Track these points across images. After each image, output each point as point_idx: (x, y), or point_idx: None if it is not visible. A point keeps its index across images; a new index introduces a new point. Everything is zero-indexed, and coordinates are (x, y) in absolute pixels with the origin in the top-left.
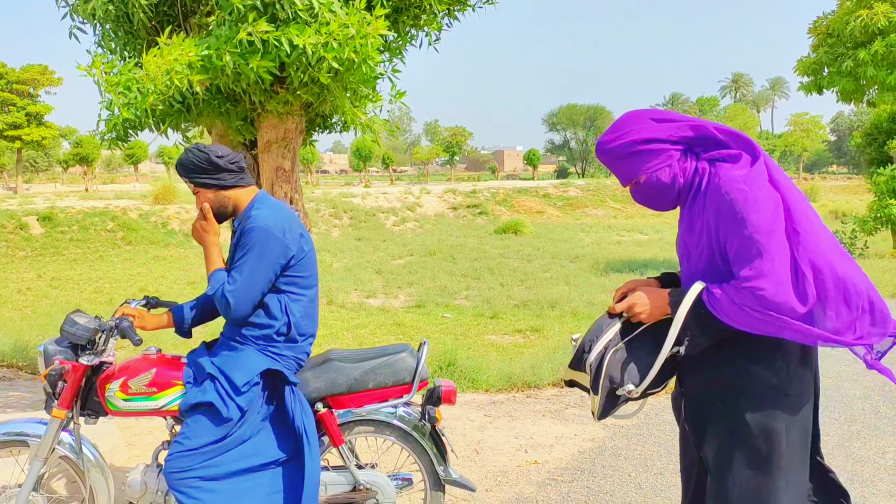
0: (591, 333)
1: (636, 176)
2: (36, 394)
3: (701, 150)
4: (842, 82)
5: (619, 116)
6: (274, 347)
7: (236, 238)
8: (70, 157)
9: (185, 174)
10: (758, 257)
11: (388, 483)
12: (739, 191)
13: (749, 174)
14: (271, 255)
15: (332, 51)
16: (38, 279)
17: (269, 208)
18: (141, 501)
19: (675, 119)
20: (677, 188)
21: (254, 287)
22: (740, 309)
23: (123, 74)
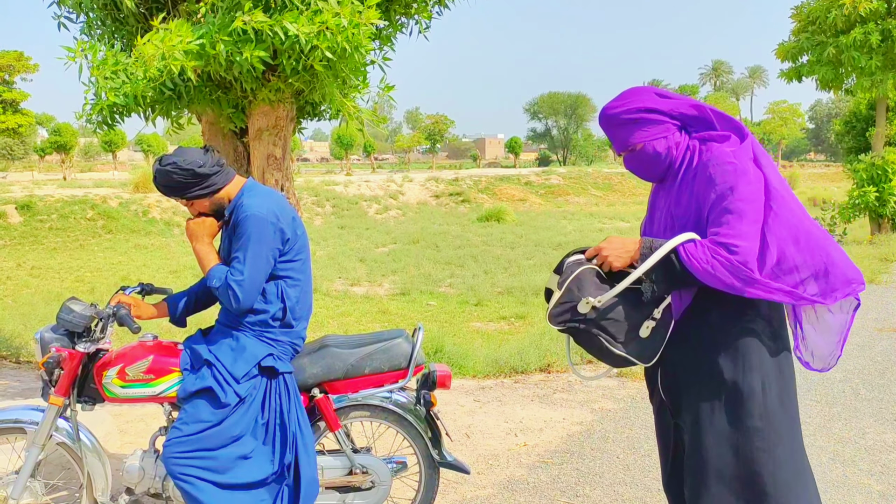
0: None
1: (633, 143)
2: (23, 382)
3: (693, 130)
4: (822, 70)
5: (626, 90)
6: (270, 333)
7: (230, 229)
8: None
9: (176, 194)
10: (738, 220)
11: (384, 467)
12: (730, 163)
13: (738, 150)
14: (269, 242)
15: (326, 40)
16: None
17: (260, 195)
18: (138, 487)
19: (676, 97)
20: (669, 160)
21: (258, 275)
22: (712, 262)
23: (110, 59)
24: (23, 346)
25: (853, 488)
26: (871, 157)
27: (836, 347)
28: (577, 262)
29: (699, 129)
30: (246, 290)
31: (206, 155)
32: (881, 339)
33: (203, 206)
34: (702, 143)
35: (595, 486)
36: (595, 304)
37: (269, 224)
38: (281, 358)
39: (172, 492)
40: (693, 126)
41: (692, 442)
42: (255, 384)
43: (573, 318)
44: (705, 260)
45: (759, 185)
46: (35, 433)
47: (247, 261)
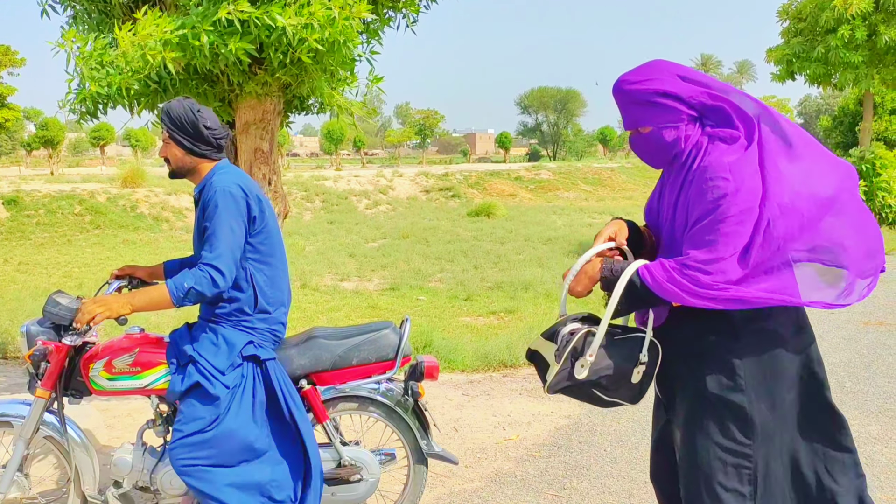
0: (574, 316)
1: (643, 124)
2: (10, 377)
3: (709, 123)
4: (812, 67)
5: (649, 61)
6: (246, 321)
7: (199, 208)
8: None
9: (168, 123)
10: (714, 245)
11: (373, 460)
12: (723, 179)
13: (737, 162)
14: (236, 212)
15: (314, 32)
16: (5, 264)
17: (228, 173)
18: (126, 480)
19: (699, 82)
20: (675, 150)
21: (234, 246)
22: (679, 283)
23: (96, 50)
24: (9, 342)
25: None
26: (860, 151)
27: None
28: (571, 333)
29: (715, 123)
30: (225, 262)
31: (222, 126)
32: (867, 332)
33: (174, 155)
34: (710, 142)
35: (582, 479)
36: (589, 359)
37: (235, 197)
38: (262, 345)
39: (160, 485)
40: (710, 118)
41: (684, 446)
42: (242, 372)
43: (571, 384)
44: (668, 279)
45: (752, 204)
46: (22, 427)
47: (219, 235)
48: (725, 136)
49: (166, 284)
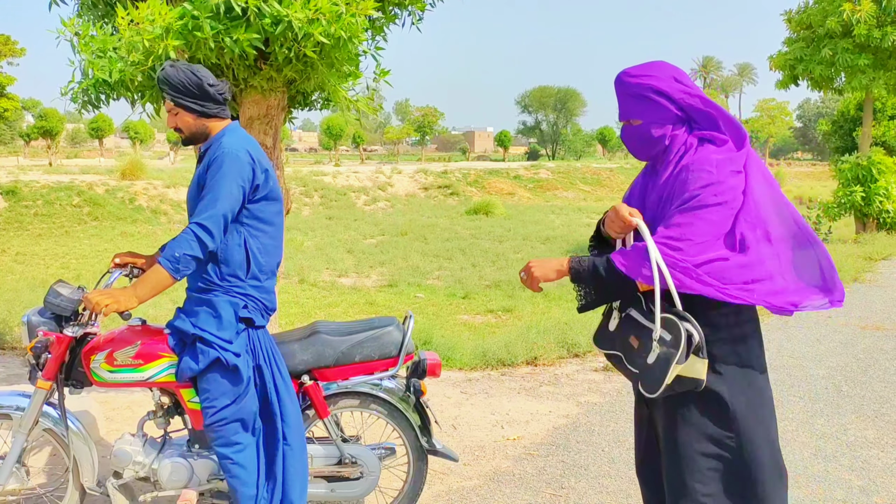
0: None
1: (634, 117)
2: (9, 368)
3: (697, 126)
4: (817, 69)
5: (654, 60)
6: (239, 288)
7: (203, 166)
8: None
9: (171, 91)
10: (688, 227)
11: (374, 457)
12: (707, 172)
13: (723, 160)
14: (239, 176)
15: (319, 26)
16: (2, 254)
17: (240, 137)
18: (126, 471)
19: (691, 88)
20: (662, 147)
21: (228, 209)
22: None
23: (99, 37)
24: (7, 332)
25: (834, 483)
26: (857, 156)
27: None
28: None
29: (703, 127)
30: (214, 221)
31: (220, 81)
32: (864, 336)
33: (185, 122)
34: (699, 143)
35: (580, 478)
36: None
37: (241, 160)
38: (252, 309)
39: (160, 476)
40: (698, 122)
41: (666, 434)
42: (247, 336)
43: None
44: (636, 260)
45: (730, 199)
46: (22, 418)
47: (217, 195)
48: (714, 139)
49: (159, 262)
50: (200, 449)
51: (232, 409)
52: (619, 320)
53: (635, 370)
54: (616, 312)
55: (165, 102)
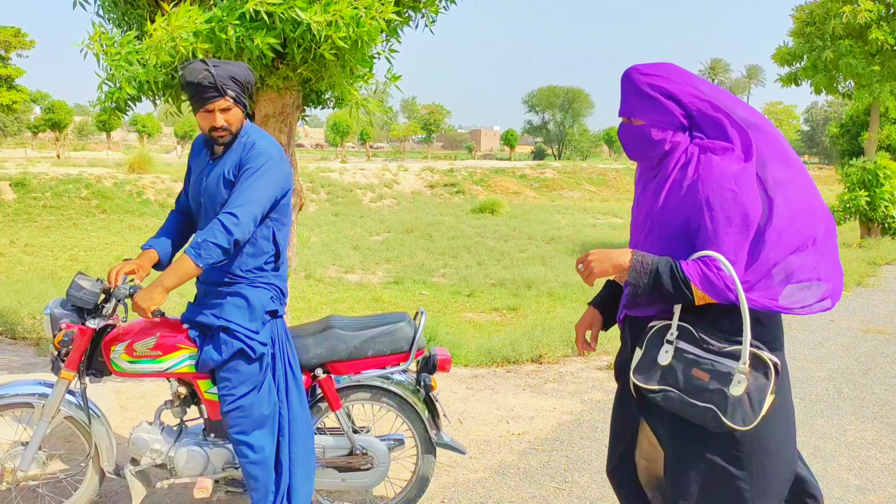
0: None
1: (636, 116)
2: (22, 357)
3: (699, 135)
4: (816, 76)
5: (667, 62)
6: (264, 278)
7: (233, 164)
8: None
9: (237, 89)
10: (730, 252)
11: (384, 449)
12: (730, 190)
13: (740, 172)
14: (278, 180)
15: (338, 30)
16: (11, 245)
17: (270, 140)
18: (144, 458)
19: (702, 92)
20: (660, 151)
21: (258, 206)
22: (706, 273)
23: (123, 47)
24: (18, 323)
25: (832, 482)
26: (863, 161)
27: None
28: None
29: (708, 135)
30: (245, 213)
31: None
32: (866, 340)
33: (238, 118)
34: (701, 152)
35: (583, 473)
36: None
37: (284, 168)
38: (276, 300)
39: (176, 463)
40: (704, 129)
41: (670, 448)
42: (272, 326)
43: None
44: (699, 272)
45: (754, 215)
46: (45, 406)
47: (253, 192)
48: (716, 148)
49: (185, 252)
50: (216, 438)
51: (250, 397)
52: (672, 353)
53: (706, 404)
54: (669, 345)
55: (216, 101)
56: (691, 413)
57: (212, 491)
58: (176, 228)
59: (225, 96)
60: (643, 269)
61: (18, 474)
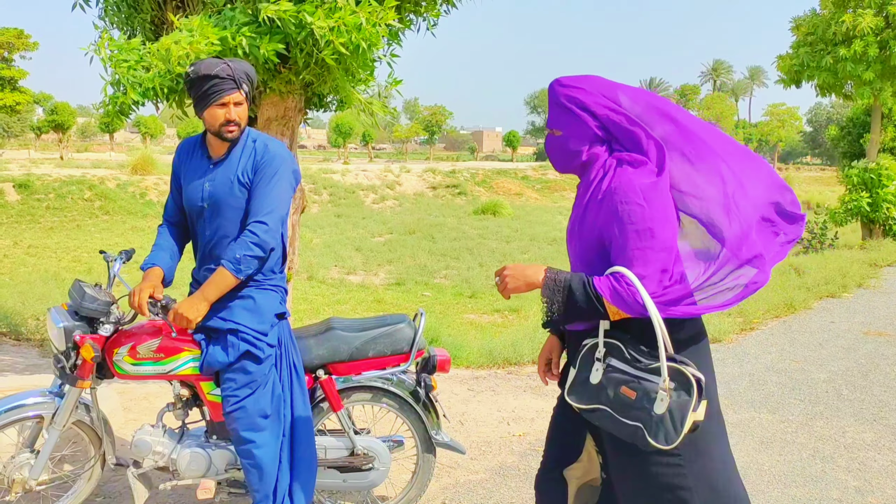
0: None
1: (556, 127)
2: (26, 358)
3: (618, 147)
4: (821, 76)
5: (592, 75)
6: (271, 280)
7: (246, 165)
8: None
9: (250, 85)
10: (643, 259)
11: (385, 449)
12: (637, 204)
13: (650, 186)
14: (291, 184)
15: (341, 35)
16: (15, 246)
17: (277, 141)
18: (146, 460)
19: (618, 106)
20: (578, 163)
21: (283, 210)
22: (618, 288)
23: (129, 53)
24: (22, 324)
25: (830, 483)
26: (865, 162)
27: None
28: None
29: (626, 147)
30: (274, 219)
31: None
32: (866, 342)
33: (244, 115)
34: (618, 165)
35: None
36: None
37: (295, 171)
38: (283, 302)
39: (178, 466)
40: (620, 142)
41: (615, 467)
42: (279, 328)
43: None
44: (610, 287)
45: (671, 231)
46: (56, 416)
47: (276, 198)
48: (633, 161)
49: (222, 265)
50: (218, 439)
51: (253, 398)
52: (602, 371)
53: (634, 423)
54: (599, 363)
55: (232, 94)
56: (623, 432)
57: (214, 492)
58: (173, 243)
59: (240, 90)
60: (556, 286)
61: (30, 483)
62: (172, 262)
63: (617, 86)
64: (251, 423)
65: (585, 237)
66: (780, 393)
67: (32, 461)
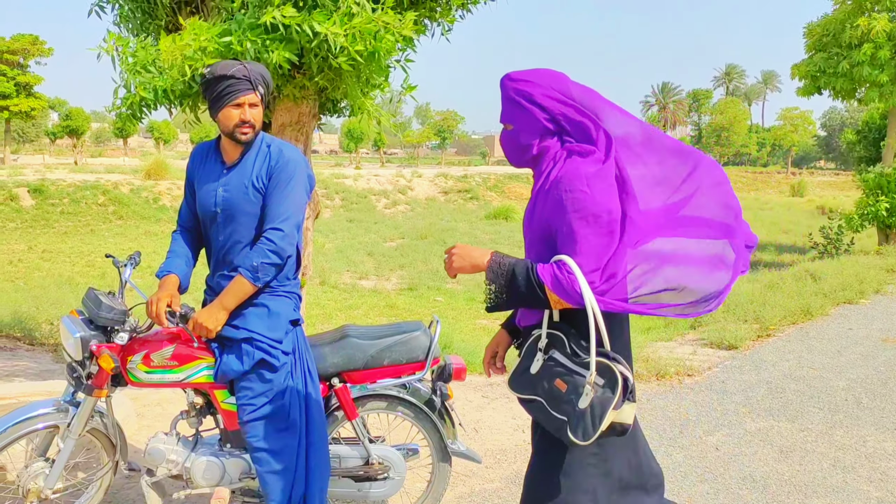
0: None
1: (507, 122)
2: (40, 363)
3: (569, 139)
4: (838, 82)
5: (543, 68)
6: (285, 287)
7: (261, 170)
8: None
9: (267, 88)
10: (583, 248)
11: (400, 458)
12: (581, 191)
13: (594, 174)
14: (306, 186)
15: (356, 42)
16: (29, 251)
17: (291, 146)
18: (160, 469)
19: (568, 98)
20: (530, 156)
21: (299, 216)
22: (559, 276)
23: (139, 53)
24: (36, 328)
25: (852, 494)
26: (881, 167)
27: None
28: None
29: (575, 138)
30: (291, 227)
31: None
32: (885, 349)
33: (258, 117)
34: (567, 156)
35: None
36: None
37: (310, 176)
38: (297, 309)
39: (192, 474)
40: (570, 133)
41: (536, 455)
42: (294, 335)
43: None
44: (552, 275)
45: (612, 216)
46: (72, 425)
47: (291, 205)
48: (582, 151)
49: (240, 273)
50: (232, 448)
51: (269, 407)
52: (542, 362)
53: (562, 416)
54: (540, 354)
55: (247, 95)
56: (551, 425)
57: (228, 501)
58: (188, 249)
59: (255, 91)
60: (500, 269)
61: (45, 492)
62: (188, 268)
63: (567, 80)
64: (266, 431)
65: (535, 228)
66: (799, 401)
67: (47, 470)
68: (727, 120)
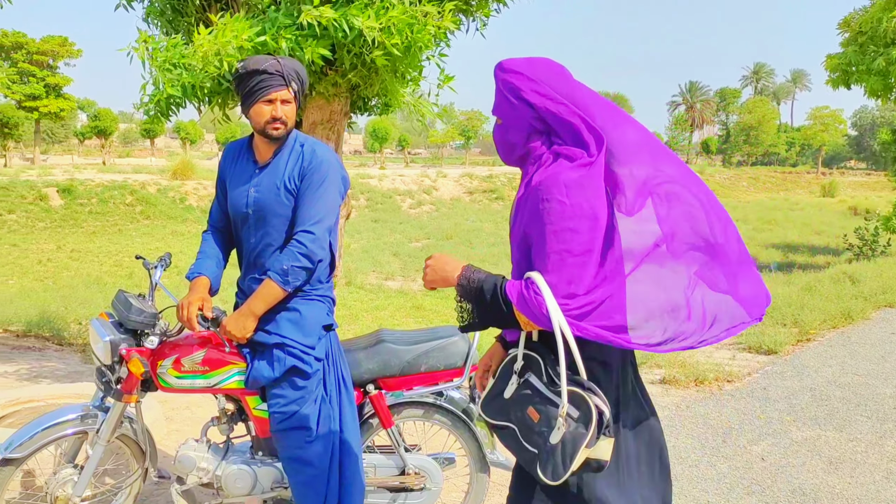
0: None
1: (498, 115)
2: (69, 364)
3: (558, 140)
4: (871, 80)
5: (540, 57)
6: (318, 290)
7: (293, 171)
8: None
9: (302, 84)
10: (553, 272)
11: (437, 468)
12: (558, 201)
13: (575, 181)
14: (339, 190)
15: (392, 36)
16: (58, 251)
17: (325, 146)
18: (190, 477)
19: (557, 94)
20: (515, 154)
21: (331, 218)
22: (526, 296)
23: (169, 51)
24: (65, 328)
25: None
26: None
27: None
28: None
29: (564, 140)
30: (321, 228)
31: None
32: None
33: (290, 114)
34: (554, 159)
35: None
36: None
37: (344, 177)
38: (330, 313)
39: (224, 483)
40: (560, 134)
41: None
42: (328, 340)
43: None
44: (518, 293)
45: (593, 232)
46: (101, 431)
47: (323, 206)
48: (570, 154)
49: (269, 276)
50: (264, 456)
51: (302, 414)
52: (516, 386)
53: (532, 449)
54: (515, 377)
55: (280, 91)
56: (522, 457)
57: None
58: (218, 250)
59: (288, 87)
60: (469, 286)
61: (74, 500)
62: (218, 269)
63: (563, 75)
64: (299, 440)
65: (515, 238)
66: (846, 409)
67: (76, 477)
68: (755, 119)
